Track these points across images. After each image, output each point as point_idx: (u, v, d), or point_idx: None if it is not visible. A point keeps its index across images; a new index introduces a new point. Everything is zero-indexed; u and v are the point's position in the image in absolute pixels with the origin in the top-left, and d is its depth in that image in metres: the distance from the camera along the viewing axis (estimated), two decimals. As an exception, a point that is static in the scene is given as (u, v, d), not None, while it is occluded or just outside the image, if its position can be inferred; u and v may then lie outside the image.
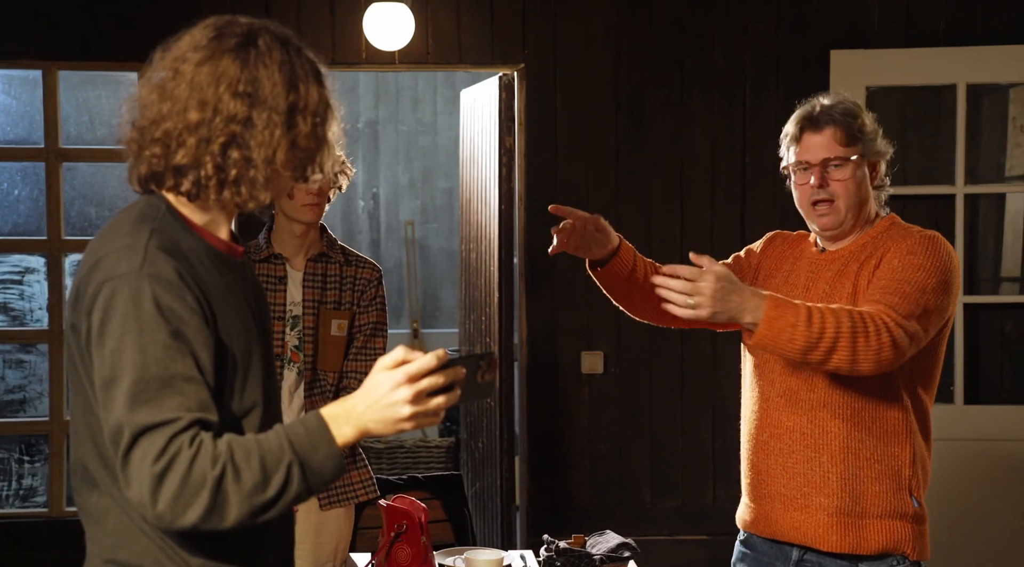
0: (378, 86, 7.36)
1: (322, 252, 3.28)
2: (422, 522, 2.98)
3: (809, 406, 2.41)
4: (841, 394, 2.39)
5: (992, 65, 4.48)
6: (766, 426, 2.49)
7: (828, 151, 2.43)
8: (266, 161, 1.67)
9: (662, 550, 4.62)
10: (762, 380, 2.51)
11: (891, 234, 2.44)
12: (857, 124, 2.43)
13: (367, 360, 3.28)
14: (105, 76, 4.95)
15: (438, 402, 1.62)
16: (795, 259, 2.56)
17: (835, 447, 2.40)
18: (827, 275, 2.46)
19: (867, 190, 2.45)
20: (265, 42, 1.68)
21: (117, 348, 1.58)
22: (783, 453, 2.45)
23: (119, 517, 1.67)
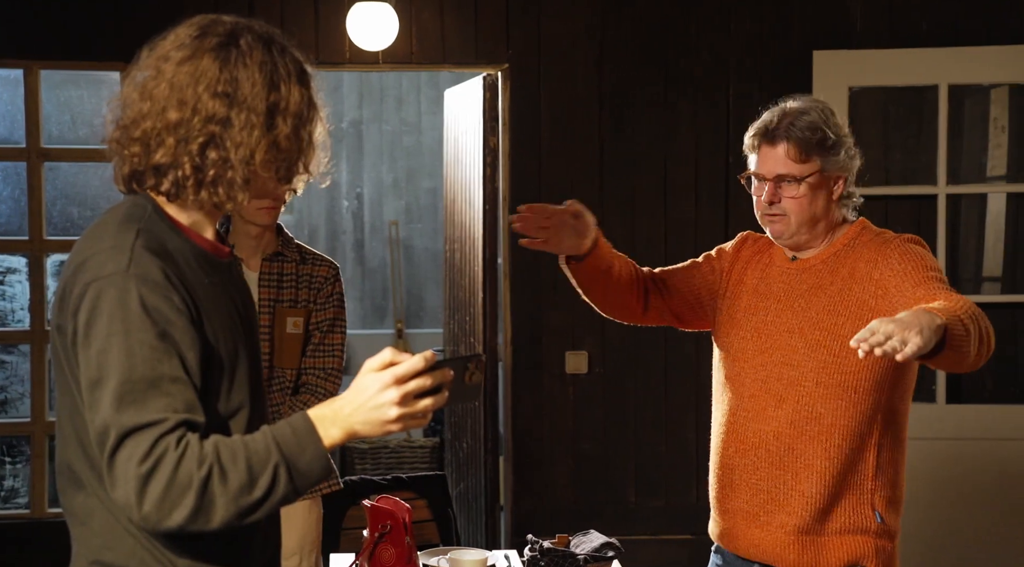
0: (362, 86, 7.35)
1: (277, 251, 3.29)
2: (406, 522, 2.98)
3: (776, 423, 2.36)
4: (810, 411, 2.34)
5: (974, 66, 4.51)
6: (732, 440, 2.44)
7: (781, 167, 2.34)
8: (244, 162, 1.66)
9: (646, 550, 4.63)
10: (732, 393, 2.46)
11: (864, 241, 2.38)
12: (816, 138, 2.32)
13: (325, 356, 3.30)
14: (87, 75, 4.93)
15: (425, 404, 1.61)
16: (765, 266, 2.49)
17: (799, 465, 2.35)
18: (801, 287, 2.40)
19: (824, 205, 2.37)
20: (247, 42, 1.67)
21: (103, 349, 1.57)
22: (748, 469, 2.41)
23: (105, 518, 1.66)
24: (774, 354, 2.38)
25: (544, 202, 5.29)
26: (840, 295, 2.34)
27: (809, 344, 2.34)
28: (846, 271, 2.35)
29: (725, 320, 2.51)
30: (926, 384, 4.69)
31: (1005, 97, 4.71)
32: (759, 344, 2.41)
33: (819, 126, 2.33)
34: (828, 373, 2.33)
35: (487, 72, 4.76)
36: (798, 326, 2.37)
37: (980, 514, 4.51)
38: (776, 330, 2.39)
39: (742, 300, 2.48)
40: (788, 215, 2.36)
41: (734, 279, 2.52)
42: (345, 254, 7.35)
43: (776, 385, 2.36)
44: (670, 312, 2.61)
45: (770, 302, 2.42)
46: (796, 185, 2.34)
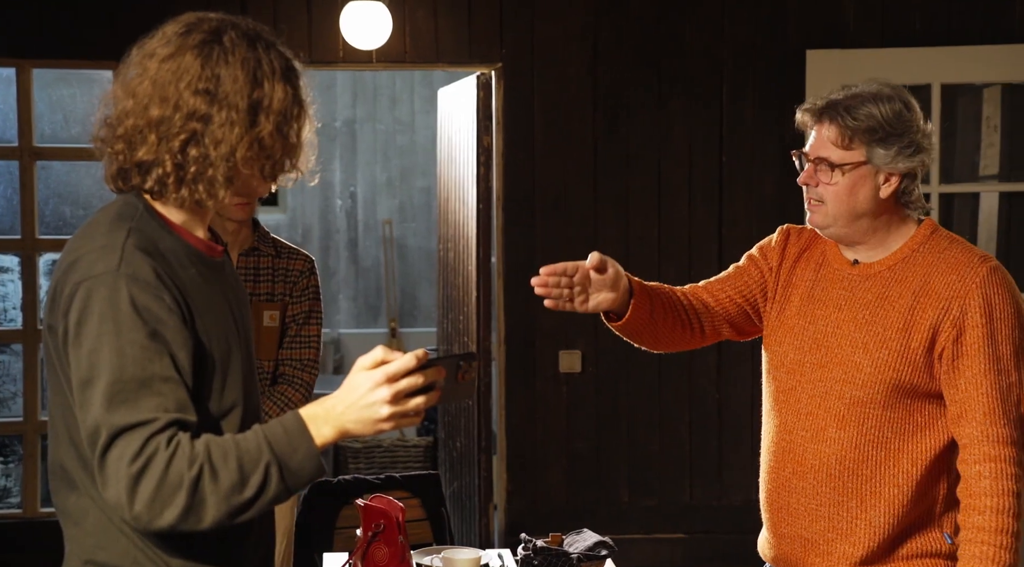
0: (355, 85, 7.35)
1: (254, 246, 3.35)
2: (400, 521, 2.98)
3: (839, 445, 2.16)
4: (877, 435, 2.15)
5: (966, 65, 4.52)
6: (788, 461, 2.24)
7: (822, 149, 2.14)
8: (225, 159, 1.65)
9: (639, 549, 4.63)
10: (786, 408, 2.25)
11: (937, 250, 2.16)
12: (865, 125, 2.10)
13: (301, 347, 3.35)
14: (79, 74, 4.92)
15: (417, 402, 1.61)
16: (818, 266, 2.27)
17: (865, 492, 2.16)
18: (866, 296, 2.18)
19: (868, 200, 2.14)
20: (230, 39, 1.67)
21: (94, 348, 1.57)
22: (807, 493, 2.21)
23: (98, 518, 1.66)
24: (835, 370, 2.18)
25: (537, 202, 5.30)
26: (911, 312, 2.13)
27: (876, 364, 2.13)
28: (917, 284, 2.14)
29: (776, 326, 2.30)
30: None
31: (997, 96, 4.72)
32: (818, 357, 2.21)
33: (874, 114, 2.10)
34: (896, 396, 2.13)
35: (481, 71, 4.75)
36: (863, 341, 2.16)
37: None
38: (837, 343, 2.18)
39: (793, 303, 2.27)
40: (825, 203, 2.16)
41: (783, 279, 2.31)
42: (339, 253, 7.34)
43: (837, 404, 2.17)
44: (727, 326, 2.39)
45: (829, 310, 2.21)
46: (831, 171, 2.13)
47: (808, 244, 2.32)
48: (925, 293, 2.13)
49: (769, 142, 4.71)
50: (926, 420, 2.16)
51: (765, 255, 2.35)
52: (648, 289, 2.28)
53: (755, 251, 2.39)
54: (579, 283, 2.18)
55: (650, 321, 2.28)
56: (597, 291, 2.20)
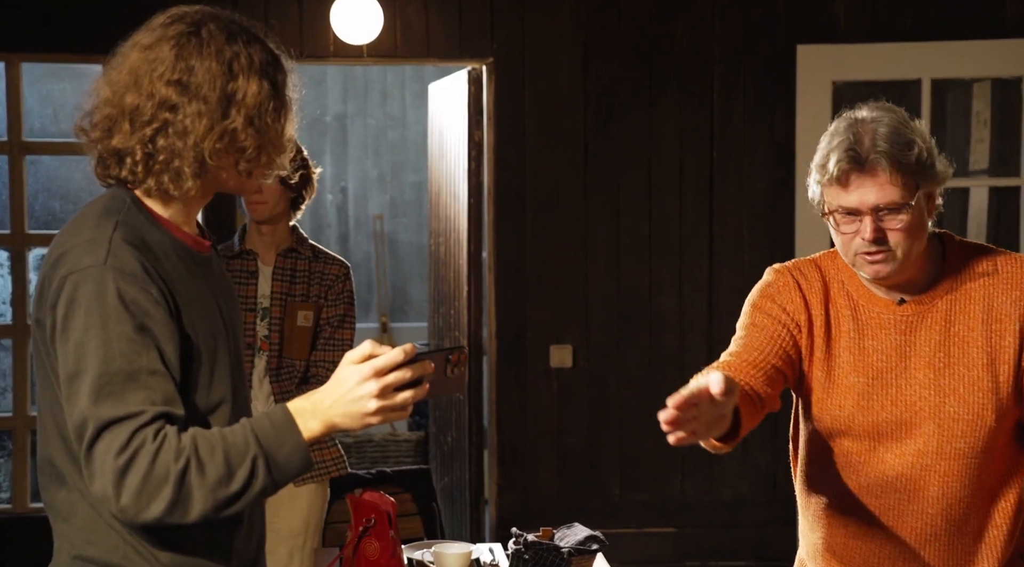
0: (346, 80, 7.33)
1: (291, 247, 3.48)
2: (391, 516, 2.98)
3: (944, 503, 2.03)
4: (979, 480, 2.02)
5: (956, 60, 4.53)
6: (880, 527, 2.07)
7: (882, 196, 1.92)
8: (191, 150, 1.65)
9: (630, 543, 4.64)
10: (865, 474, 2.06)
11: (982, 265, 2.02)
12: (914, 154, 1.93)
13: (335, 350, 3.44)
14: (69, 69, 4.90)
15: (405, 396, 1.61)
16: (853, 313, 2.05)
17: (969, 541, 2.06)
18: (932, 337, 2.00)
19: (926, 228, 1.98)
20: (208, 31, 1.67)
21: (81, 342, 1.56)
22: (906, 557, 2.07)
23: (88, 513, 1.66)
24: (926, 425, 2.00)
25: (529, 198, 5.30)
26: (988, 342, 1.98)
27: (974, 410, 1.97)
28: (981, 311, 1.99)
29: (828, 388, 2.06)
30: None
31: (987, 91, 4.73)
32: (896, 414, 2.01)
33: (910, 139, 1.94)
34: (999, 436, 2.00)
35: (472, 66, 4.75)
36: (951, 388, 1.98)
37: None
38: (922, 398, 2.00)
39: (842, 359, 2.05)
40: (894, 250, 1.94)
41: (818, 333, 2.06)
42: (330, 248, 7.32)
43: (936, 461, 2.00)
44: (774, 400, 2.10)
45: (893, 361, 2.01)
46: (901, 213, 1.93)
47: (825, 286, 2.08)
48: (995, 318, 1.98)
49: (760, 139, 4.72)
50: (1014, 451, 2.05)
51: (785, 309, 2.07)
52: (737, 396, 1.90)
53: (766, 302, 2.10)
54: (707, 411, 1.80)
55: (745, 433, 2.05)
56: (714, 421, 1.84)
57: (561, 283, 4.73)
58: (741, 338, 2.11)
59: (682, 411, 1.76)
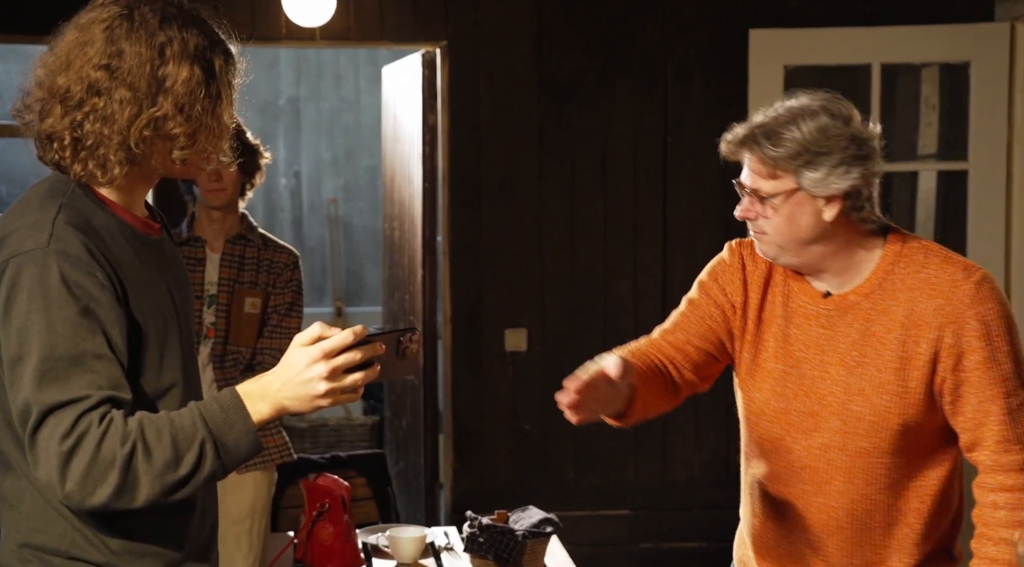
0: (299, 63, 7.27)
1: (240, 234, 3.45)
2: (345, 500, 2.97)
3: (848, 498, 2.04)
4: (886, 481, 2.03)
5: (905, 45, 4.57)
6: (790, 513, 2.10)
7: (752, 180, 1.97)
8: (119, 135, 1.62)
9: (584, 525, 4.66)
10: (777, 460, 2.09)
11: (914, 265, 1.98)
12: (786, 152, 1.91)
13: (281, 338, 3.42)
14: (15, 49, 4.82)
15: (355, 378, 1.60)
16: (786, 298, 2.07)
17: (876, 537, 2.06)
18: (849, 335, 2.00)
19: (811, 227, 1.95)
20: (141, 14, 1.64)
21: (24, 326, 1.54)
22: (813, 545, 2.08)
23: (35, 500, 1.64)
24: (831, 420, 2.01)
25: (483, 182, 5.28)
26: (903, 347, 1.96)
27: (877, 412, 1.98)
28: (902, 314, 1.96)
29: (752, 370, 2.11)
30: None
31: (936, 76, 4.78)
32: (807, 405, 2.03)
33: (795, 137, 1.91)
34: (903, 439, 1.99)
35: (426, 49, 4.73)
36: (858, 387, 1.99)
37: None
38: (829, 390, 2.02)
39: (768, 344, 2.07)
40: (767, 233, 1.98)
41: (751, 316, 2.09)
42: (283, 232, 7.28)
43: (840, 456, 2.02)
44: (696, 377, 2.18)
45: (810, 351, 2.02)
46: (766, 203, 1.96)
47: (770, 269, 2.09)
48: (913, 323, 1.96)
49: (713, 122, 4.67)
50: (932, 455, 2.04)
51: (724, 290, 2.11)
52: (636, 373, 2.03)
53: (709, 281, 2.14)
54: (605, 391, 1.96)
55: (643, 412, 2.13)
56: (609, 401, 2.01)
57: (516, 267, 4.73)
58: (676, 316, 2.17)
59: (582, 394, 1.92)
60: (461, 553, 3.02)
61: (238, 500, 3.31)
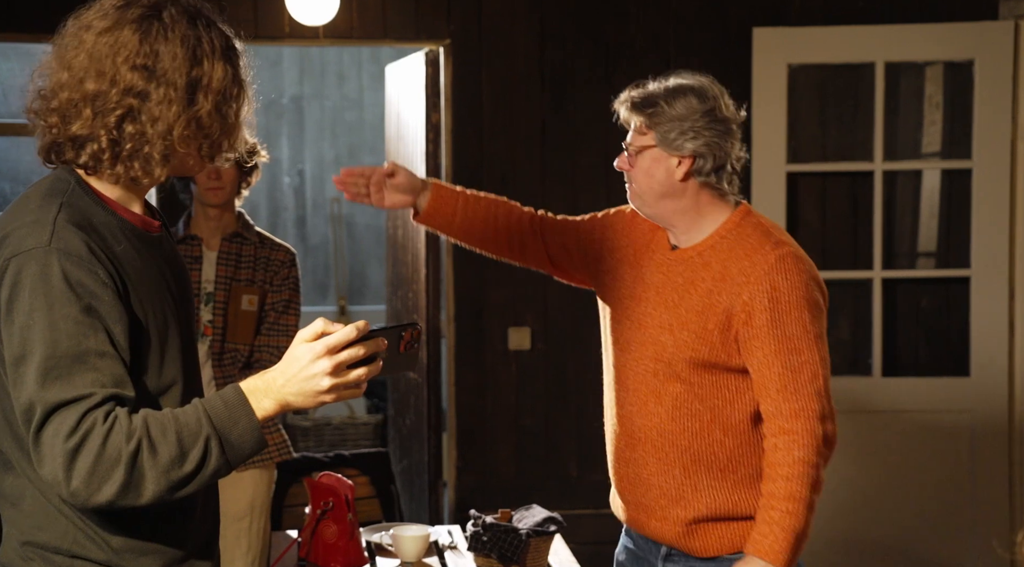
0: (302, 61, 7.27)
1: (236, 232, 3.45)
2: (348, 499, 2.97)
3: (658, 418, 2.34)
4: (688, 407, 2.32)
5: (909, 43, 4.56)
6: (623, 434, 2.43)
7: (630, 137, 2.42)
8: (161, 137, 1.64)
9: (588, 524, 4.66)
10: (617, 383, 2.44)
11: (741, 235, 2.31)
12: (648, 111, 2.34)
13: (279, 335, 3.43)
14: (17, 48, 4.82)
15: (359, 374, 1.60)
16: (652, 252, 2.43)
17: (686, 460, 2.33)
18: (676, 280, 2.35)
19: (663, 182, 2.33)
20: (170, 15, 1.65)
21: (26, 324, 1.54)
22: (638, 463, 2.40)
23: (36, 498, 1.64)
24: (649, 349, 2.35)
25: (486, 179, 5.29)
26: (709, 296, 2.29)
27: (678, 343, 2.31)
28: (718, 268, 2.30)
29: (610, 300, 2.48)
30: (862, 357, 4.76)
31: (939, 74, 4.78)
32: (640, 336, 2.38)
33: (657, 101, 2.34)
34: (699, 372, 2.30)
35: (429, 48, 4.73)
36: (668, 323, 2.33)
37: (914, 483, 4.60)
38: (652, 323, 2.36)
39: (624, 284, 2.44)
40: (632, 184, 2.41)
41: (620, 255, 2.48)
42: (287, 231, 7.29)
43: (652, 380, 2.35)
44: (547, 258, 2.65)
45: (650, 292, 2.38)
46: (635, 156, 2.39)
47: (651, 230, 2.47)
48: (722, 278, 2.29)
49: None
50: (732, 394, 2.31)
51: (611, 225, 2.54)
52: (464, 199, 2.57)
53: (603, 215, 2.59)
54: (375, 184, 2.52)
55: (449, 225, 2.58)
56: (391, 193, 2.53)
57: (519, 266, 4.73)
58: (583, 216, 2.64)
59: (349, 178, 2.53)
60: (465, 552, 3.02)
61: (237, 498, 3.31)
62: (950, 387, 4.60)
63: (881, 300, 4.63)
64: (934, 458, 4.60)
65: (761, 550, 2.21)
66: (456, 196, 2.58)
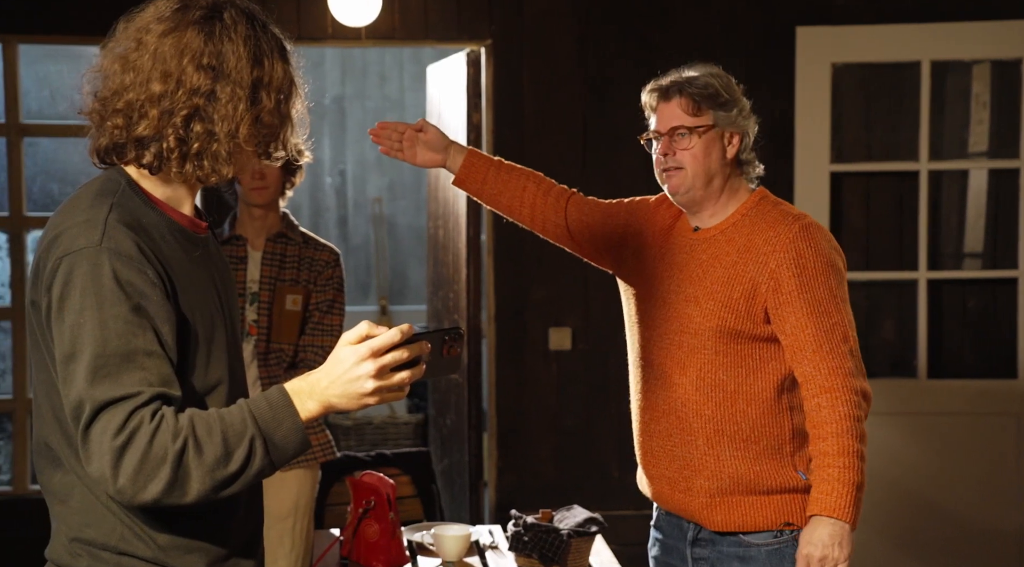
0: (344, 62, 7.31)
1: (281, 232, 3.47)
2: (390, 498, 2.98)
3: (682, 390, 2.42)
4: (712, 378, 2.39)
5: (956, 42, 4.51)
6: (647, 407, 2.50)
7: (676, 120, 2.44)
8: (229, 135, 1.67)
9: (629, 525, 4.65)
10: (642, 359, 2.53)
11: (762, 211, 2.43)
12: (708, 92, 2.43)
13: (323, 335, 3.43)
14: (66, 50, 4.89)
15: (402, 377, 1.61)
16: (666, 233, 2.55)
17: (710, 430, 2.39)
18: (701, 257, 2.45)
19: (718, 161, 2.44)
20: (231, 15, 1.68)
21: (77, 323, 1.56)
22: (663, 435, 2.46)
23: (84, 495, 1.66)
24: (674, 323, 2.44)
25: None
26: (734, 267, 2.39)
27: (704, 313, 2.39)
28: (742, 241, 2.40)
29: (633, 282, 2.57)
30: (907, 358, 4.71)
31: (987, 73, 4.72)
32: (664, 312, 2.46)
33: (711, 83, 2.44)
34: (724, 342, 2.37)
35: (470, 48, 4.73)
36: (694, 295, 2.42)
37: (957, 486, 4.55)
38: (677, 299, 2.45)
39: (648, 265, 2.53)
40: (684, 168, 2.43)
41: (644, 239, 2.57)
42: (328, 231, 7.33)
43: (677, 352, 2.43)
44: (567, 233, 2.70)
45: (673, 271, 2.48)
46: (689, 137, 2.42)
47: (673, 218, 2.56)
48: (747, 250, 2.39)
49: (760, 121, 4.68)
50: (756, 363, 2.38)
51: (636, 211, 2.63)
52: (496, 167, 2.65)
53: (629, 201, 2.68)
54: (408, 139, 2.61)
55: (480, 191, 2.67)
56: (422, 149, 2.61)
57: (560, 265, 4.73)
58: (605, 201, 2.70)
59: (383, 130, 2.61)
60: (506, 552, 3.02)
61: (281, 498, 3.32)
62: (997, 389, 4.54)
63: (926, 301, 4.58)
64: (980, 461, 4.54)
65: (826, 508, 2.25)
66: (489, 163, 2.65)
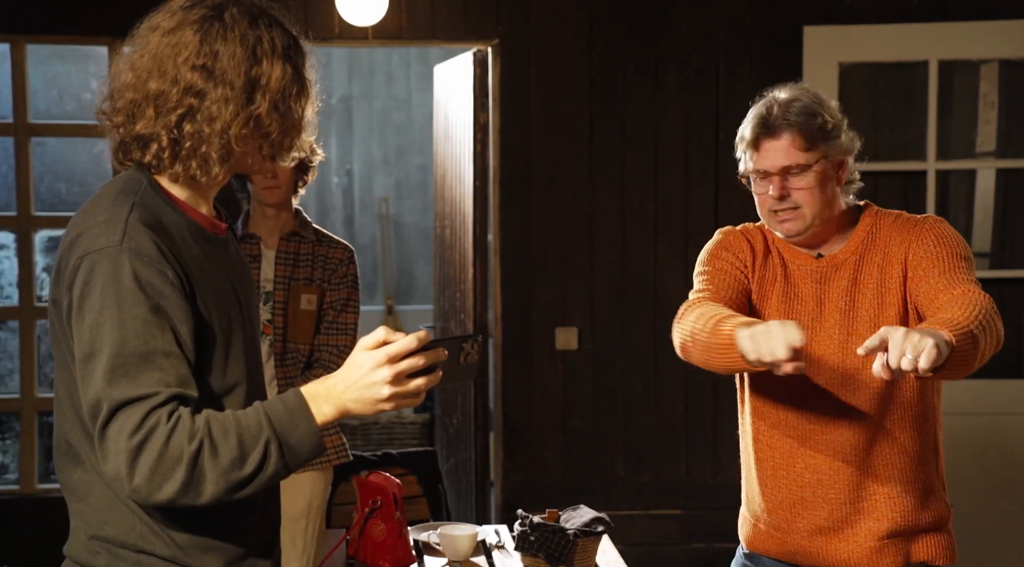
0: (351, 62, 7.31)
1: (294, 231, 3.44)
2: (396, 498, 2.99)
3: (851, 432, 2.26)
4: (878, 411, 2.25)
5: (963, 41, 4.50)
6: (799, 458, 2.30)
7: (787, 158, 2.24)
8: (218, 136, 1.66)
9: (635, 524, 4.65)
10: (787, 411, 2.31)
11: (889, 224, 2.29)
12: (817, 123, 2.23)
13: (338, 334, 3.42)
14: (74, 50, 4.89)
15: (418, 383, 1.61)
16: (782, 266, 2.34)
17: (879, 467, 2.26)
18: (841, 284, 2.27)
19: (833, 191, 2.28)
20: (231, 15, 1.67)
21: (96, 322, 1.57)
22: (824, 485, 2.29)
23: (104, 493, 1.67)
24: (832, 360, 2.25)
25: (533, 179, 5.28)
26: (883, 284, 2.24)
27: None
28: (879, 257, 2.26)
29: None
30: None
31: (995, 73, 4.71)
32: (812, 351, 2.25)
33: (816, 111, 2.25)
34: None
35: (477, 48, 4.74)
36: (850, 327, 2.25)
37: (981, 490, 4.53)
38: (827, 337, 2.26)
39: (772, 304, 2.32)
40: (801, 207, 2.24)
41: (757, 276, 2.35)
42: (335, 231, 7.33)
43: (844, 392, 2.25)
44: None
45: (809, 305, 2.28)
46: (804, 175, 2.23)
47: (765, 243, 2.37)
48: (887, 261, 2.26)
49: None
50: (919, 385, 2.26)
51: (736, 255, 2.36)
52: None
53: (720, 251, 2.38)
54: None
55: None
56: None
57: (566, 265, 4.73)
58: (704, 280, 2.36)
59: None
60: (512, 551, 3.02)
61: (294, 500, 3.32)
62: (1006, 389, 4.53)
63: (934, 301, 4.57)
64: (995, 462, 4.53)
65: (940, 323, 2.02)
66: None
